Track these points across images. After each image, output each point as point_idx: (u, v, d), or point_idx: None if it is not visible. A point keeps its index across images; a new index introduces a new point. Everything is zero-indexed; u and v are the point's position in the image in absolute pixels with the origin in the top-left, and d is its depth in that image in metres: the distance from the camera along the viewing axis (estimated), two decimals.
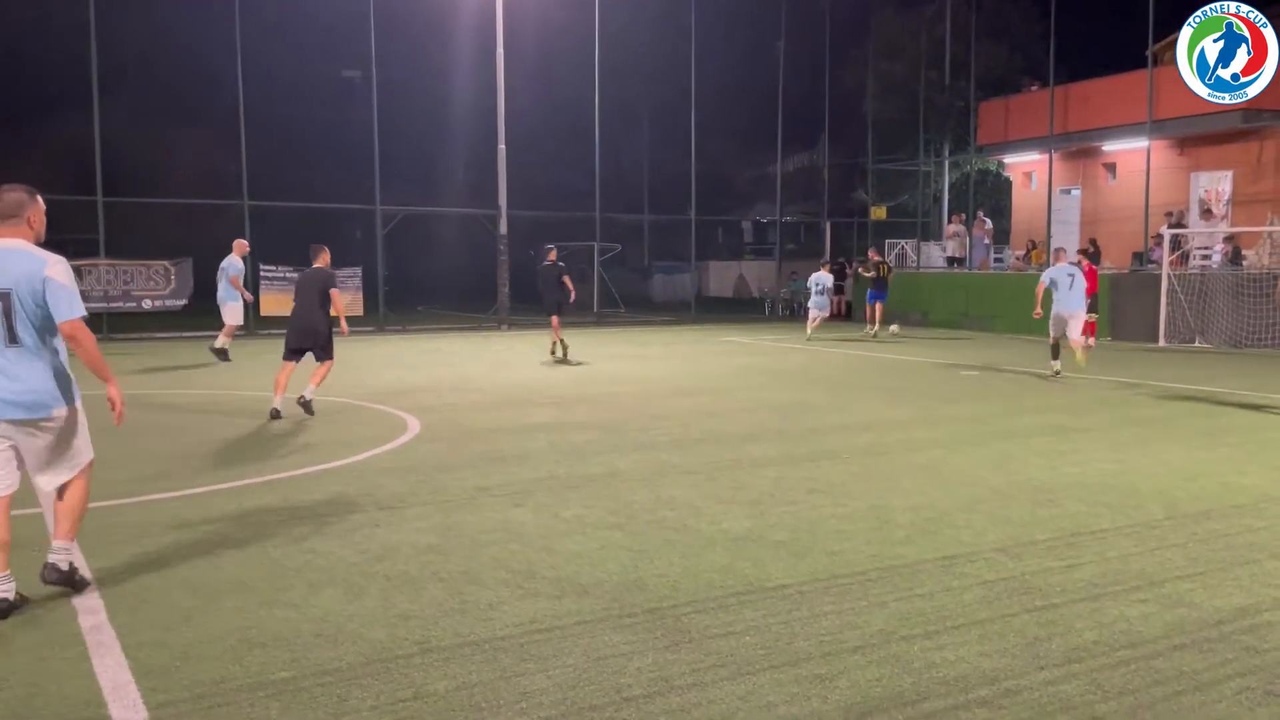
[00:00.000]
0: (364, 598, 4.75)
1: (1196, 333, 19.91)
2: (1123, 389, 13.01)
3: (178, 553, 5.47)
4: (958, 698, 3.65)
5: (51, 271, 4.56)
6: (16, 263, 4.54)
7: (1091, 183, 26.76)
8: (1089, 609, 4.60)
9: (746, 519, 6.21)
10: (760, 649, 4.11)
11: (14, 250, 4.58)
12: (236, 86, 22.25)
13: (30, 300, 4.53)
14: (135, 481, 7.25)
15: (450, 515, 6.31)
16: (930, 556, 5.42)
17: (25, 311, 4.53)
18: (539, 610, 4.57)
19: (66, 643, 4.18)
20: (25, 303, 4.52)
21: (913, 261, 28.94)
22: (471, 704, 3.60)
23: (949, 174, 31.28)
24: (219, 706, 3.58)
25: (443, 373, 14.90)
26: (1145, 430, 9.61)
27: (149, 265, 22.32)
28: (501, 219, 25.14)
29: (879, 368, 15.83)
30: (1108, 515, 6.33)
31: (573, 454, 8.34)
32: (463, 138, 34.90)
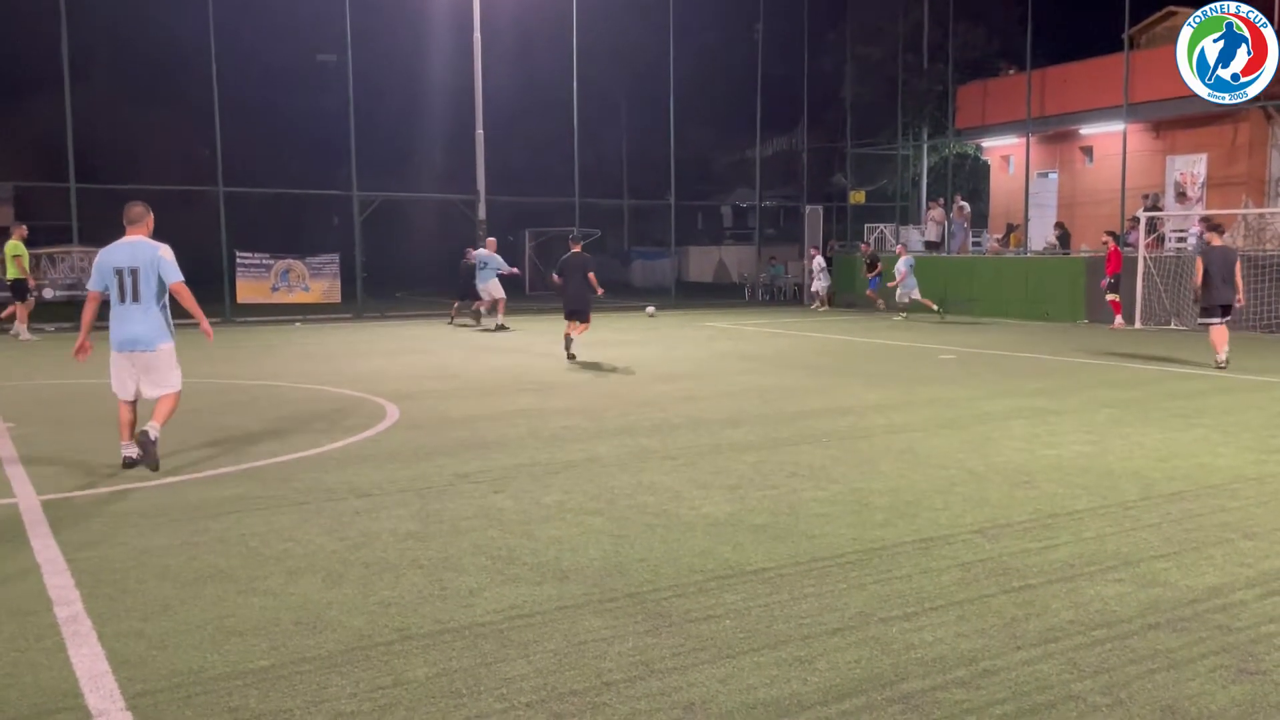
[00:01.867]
0: (343, 585, 4.73)
1: (1172, 315, 20.09)
2: (1099, 371, 13.12)
3: (155, 541, 5.43)
4: (936, 678, 3.68)
5: (163, 253, 7.22)
6: (143, 250, 7.20)
7: (1069, 166, 26.90)
8: (1065, 589, 4.64)
9: (726, 503, 6.22)
10: (740, 632, 4.13)
11: (141, 241, 7.28)
12: (210, 71, 21.98)
13: (150, 273, 7.14)
14: (113, 470, 7.19)
15: (430, 502, 6.29)
16: (909, 539, 5.45)
17: (146, 280, 7.13)
18: (519, 596, 4.56)
19: (42, 633, 4.14)
20: (148, 275, 7.14)
21: (892, 246, 29.02)
22: (452, 690, 3.60)
23: (927, 158, 31.35)
24: (197, 695, 3.56)
25: (422, 359, 14.83)
26: (1121, 412, 9.70)
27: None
28: (480, 204, 25.03)
29: (859, 352, 15.89)
30: (1084, 496, 6.39)
31: (553, 440, 8.33)
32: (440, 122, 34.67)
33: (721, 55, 32.97)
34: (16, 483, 6.82)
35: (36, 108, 25.70)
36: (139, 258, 7.14)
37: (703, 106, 34.25)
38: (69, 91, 20.61)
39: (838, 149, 32.79)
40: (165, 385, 7.30)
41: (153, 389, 7.28)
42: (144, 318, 7.14)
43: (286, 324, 21.73)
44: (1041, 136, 26.32)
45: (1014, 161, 27.90)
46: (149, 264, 7.13)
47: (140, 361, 7.21)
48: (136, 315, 7.12)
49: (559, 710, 3.44)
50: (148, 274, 7.11)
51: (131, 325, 7.12)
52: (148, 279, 7.11)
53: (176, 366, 7.40)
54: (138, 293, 7.09)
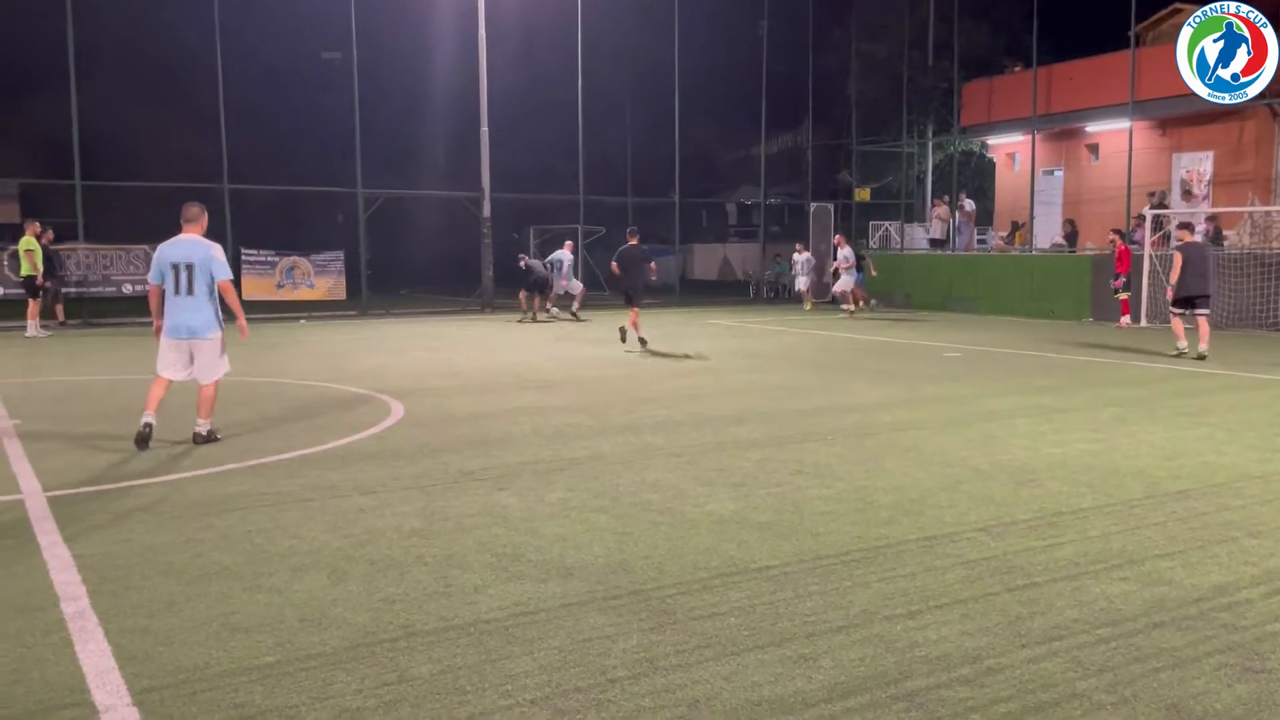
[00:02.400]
0: (348, 582, 4.74)
1: None
2: (1104, 369, 13.10)
3: (160, 538, 5.44)
4: (940, 676, 3.68)
5: (215, 252, 7.98)
6: (197, 248, 7.94)
7: (1074, 164, 26.84)
8: (1070, 587, 4.64)
9: (731, 501, 6.23)
10: (745, 630, 4.13)
11: (195, 240, 8.02)
12: (216, 69, 22.00)
13: (203, 269, 7.87)
14: (119, 467, 7.21)
15: (434, 499, 6.30)
16: (913, 536, 5.45)
17: (199, 276, 7.87)
18: (524, 593, 4.57)
19: (49, 629, 4.16)
20: (201, 271, 7.88)
21: (896, 243, 29.00)
22: (456, 687, 3.61)
23: (932, 155, 31.30)
24: (203, 692, 3.57)
25: (426, 357, 14.85)
26: (1126, 410, 9.68)
27: (128, 249, 22.13)
28: (485, 202, 25.02)
29: (864, 350, 15.87)
30: (1089, 495, 6.38)
31: (557, 437, 8.34)
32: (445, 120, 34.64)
33: (726, 52, 32.90)
34: (23, 479, 6.84)
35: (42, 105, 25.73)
36: (193, 255, 7.91)
37: (707, 103, 34.22)
38: (75, 89, 20.64)
39: (843, 146, 32.74)
40: (213, 372, 8.13)
41: (202, 374, 8.08)
42: (196, 309, 7.91)
43: (291, 321, 21.76)
44: (1047, 134, 26.27)
45: (1019, 159, 27.85)
46: (202, 261, 7.89)
47: (191, 348, 8.02)
48: (189, 306, 7.91)
49: (563, 707, 3.44)
50: (201, 270, 7.88)
51: (184, 315, 7.91)
52: (200, 274, 7.88)
53: (224, 355, 8.22)
54: (191, 286, 7.87)
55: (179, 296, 7.88)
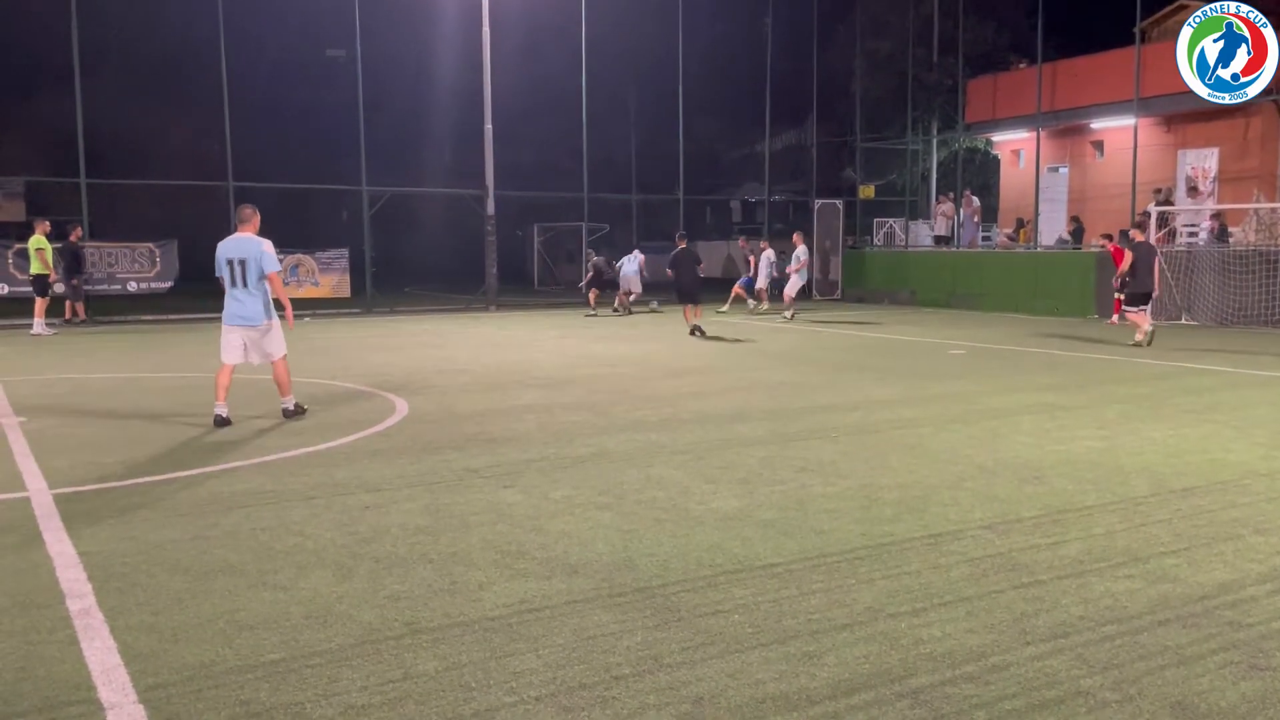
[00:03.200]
0: (353, 579, 4.75)
1: (1183, 310, 20.01)
2: (1110, 366, 13.07)
3: (166, 536, 5.46)
4: (945, 673, 3.68)
5: (265, 247, 8.84)
6: (249, 245, 8.80)
7: (1079, 160, 26.79)
8: (1075, 585, 4.63)
9: (735, 498, 6.23)
10: (749, 627, 4.13)
11: (248, 238, 8.87)
12: (220, 66, 22.02)
13: (254, 264, 8.77)
14: (124, 464, 7.23)
15: (439, 497, 6.31)
16: (918, 534, 5.45)
17: (251, 270, 8.77)
18: (528, 590, 4.58)
19: (55, 626, 4.17)
20: (253, 265, 8.76)
21: (901, 241, 28.96)
22: (461, 684, 3.61)
23: (937, 152, 31.25)
24: (209, 689, 3.58)
25: (430, 354, 14.86)
26: (1131, 407, 9.67)
27: (134, 247, 22.18)
28: (489, 199, 25.02)
29: (867, 347, 15.86)
30: (1094, 492, 6.37)
31: (561, 435, 8.34)
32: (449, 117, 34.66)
33: (730, 49, 32.89)
34: (29, 477, 6.86)
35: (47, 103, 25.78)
36: (246, 251, 8.79)
37: (712, 101, 34.21)
38: (79, 87, 20.67)
39: (847, 143, 32.70)
40: (273, 351, 9.03)
41: (261, 357, 9.04)
42: (250, 299, 8.83)
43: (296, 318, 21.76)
44: (1052, 131, 26.22)
45: (1024, 156, 27.80)
46: (254, 257, 8.77)
47: (249, 335, 8.94)
48: (244, 297, 8.83)
49: (568, 704, 3.45)
50: (253, 264, 8.76)
51: (241, 306, 8.84)
52: (253, 268, 8.77)
53: (280, 336, 9.14)
54: (245, 279, 8.78)
55: (235, 288, 8.84)
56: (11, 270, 21.34)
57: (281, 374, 9.15)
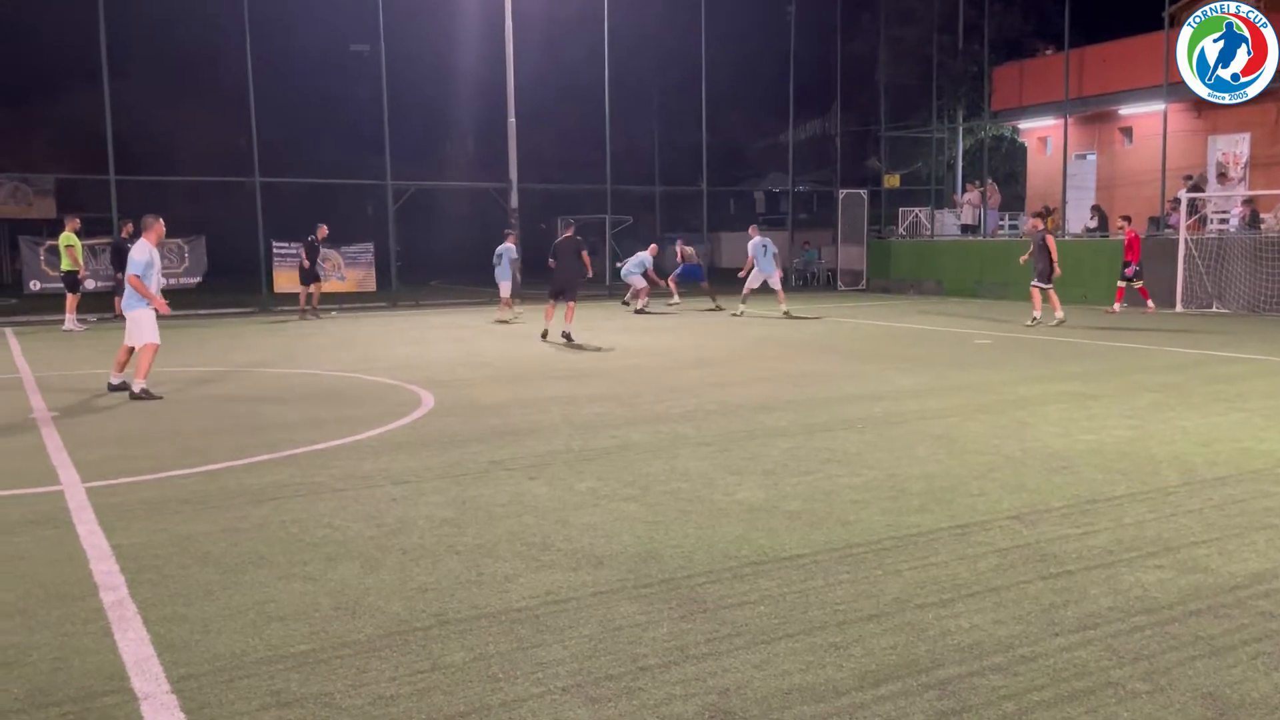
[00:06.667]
0: (381, 570, 4.78)
1: (1214, 297, 19.76)
2: (1139, 355, 12.94)
3: (197, 528, 5.52)
4: (973, 664, 3.66)
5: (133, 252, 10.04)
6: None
7: (1107, 147, 26.47)
8: (1104, 575, 4.60)
9: (760, 489, 6.22)
10: (775, 618, 4.13)
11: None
12: (246, 62, 22.15)
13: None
14: (153, 459, 7.31)
15: (465, 489, 6.34)
16: (945, 525, 5.42)
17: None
18: (555, 582, 4.59)
19: (89, 617, 4.23)
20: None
21: (926, 230, 28.76)
22: (489, 675, 3.63)
23: (963, 140, 30.97)
24: (240, 679, 3.62)
25: (456, 347, 14.93)
26: (1162, 396, 9.56)
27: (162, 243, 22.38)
28: (512, 192, 25.07)
29: (893, 337, 15.78)
30: (1123, 482, 6.31)
31: (586, 427, 8.36)
32: (472, 111, 34.75)
33: (754, 39, 32.67)
34: (62, 470, 6.96)
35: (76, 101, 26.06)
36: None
37: (735, 91, 34.02)
38: (107, 85, 20.87)
39: (871, 132, 32.47)
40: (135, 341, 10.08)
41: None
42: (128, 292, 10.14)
43: (322, 312, 21.92)
44: (1080, 117, 25.91)
45: (1052, 143, 27.51)
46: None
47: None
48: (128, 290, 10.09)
49: (595, 694, 3.46)
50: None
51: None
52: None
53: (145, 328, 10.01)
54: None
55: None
56: (44, 267, 21.63)
57: (142, 359, 10.05)
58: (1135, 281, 19.27)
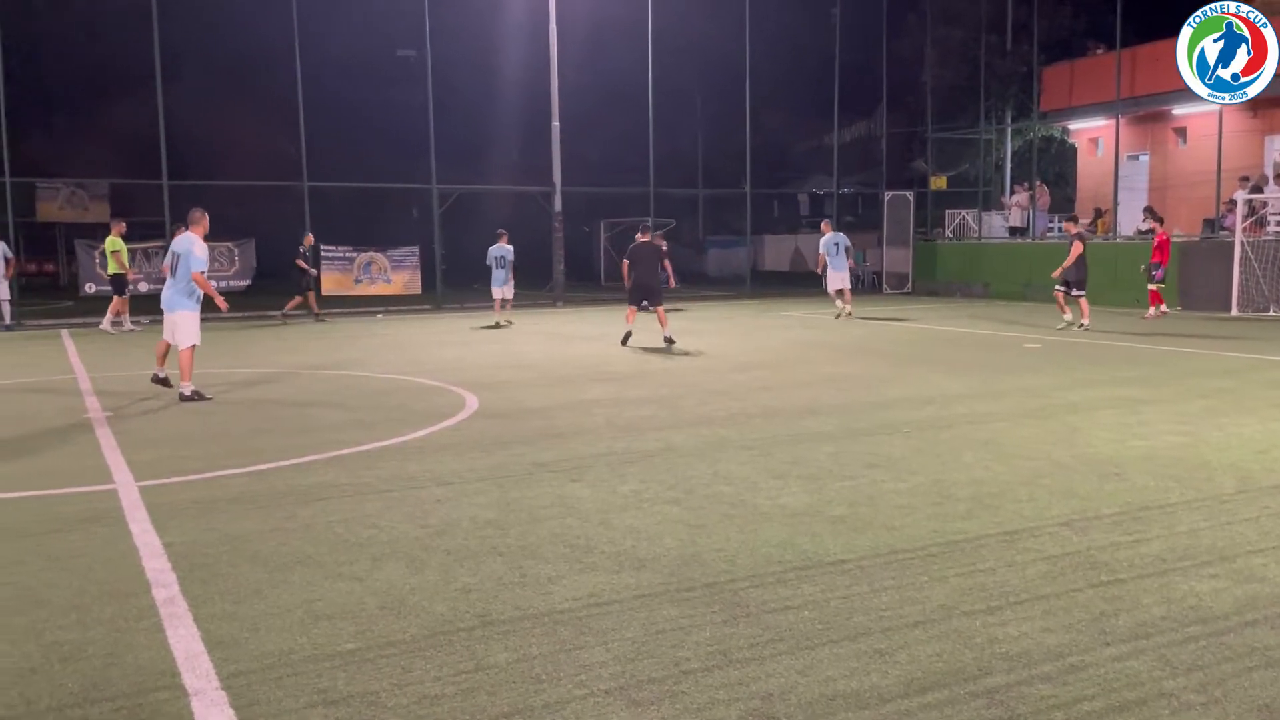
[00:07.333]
0: (426, 571, 4.82)
1: (1271, 301, 19.31)
2: (1193, 360, 12.68)
3: (246, 527, 5.60)
4: (1021, 673, 3.61)
5: (195, 248, 10.10)
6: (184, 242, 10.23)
7: (1160, 148, 25.98)
8: (1157, 584, 4.50)
9: (804, 494, 6.18)
10: (819, 623, 4.10)
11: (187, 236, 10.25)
12: (295, 69, 22.49)
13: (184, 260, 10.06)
14: (203, 459, 7.43)
15: (509, 490, 6.37)
16: (992, 531, 5.35)
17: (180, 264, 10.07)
18: (597, 584, 4.60)
19: (141, 614, 4.31)
20: (182, 261, 10.08)
21: (973, 232, 28.43)
22: (532, 675, 3.65)
23: (1011, 141, 30.57)
24: (288, 676, 3.67)
25: (499, 350, 15.02)
26: (1217, 402, 9.36)
27: (213, 246, 22.74)
28: (556, 196, 25.18)
29: (939, 341, 15.61)
30: (1177, 489, 6.18)
31: (629, 429, 8.37)
32: (516, 116, 34.93)
33: (798, 40, 32.52)
34: (116, 469, 7.10)
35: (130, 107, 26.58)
36: (181, 248, 10.04)
37: (779, 93, 33.89)
38: (160, 91, 21.29)
39: (917, 134, 32.16)
40: (181, 340, 10.29)
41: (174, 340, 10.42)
42: (173, 289, 10.16)
43: (369, 315, 22.19)
44: (1132, 117, 25.47)
45: (1103, 144, 27.06)
46: (185, 254, 10.02)
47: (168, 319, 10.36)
48: (170, 286, 10.16)
49: (637, 698, 3.46)
50: (183, 261, 10.05)
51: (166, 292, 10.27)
52: (182, 264, 10.07)
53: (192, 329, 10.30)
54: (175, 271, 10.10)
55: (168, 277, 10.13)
56: (98, 270, 22.10)
57: (183, 361, 10.11)
58: (1154, 283, 18.84)
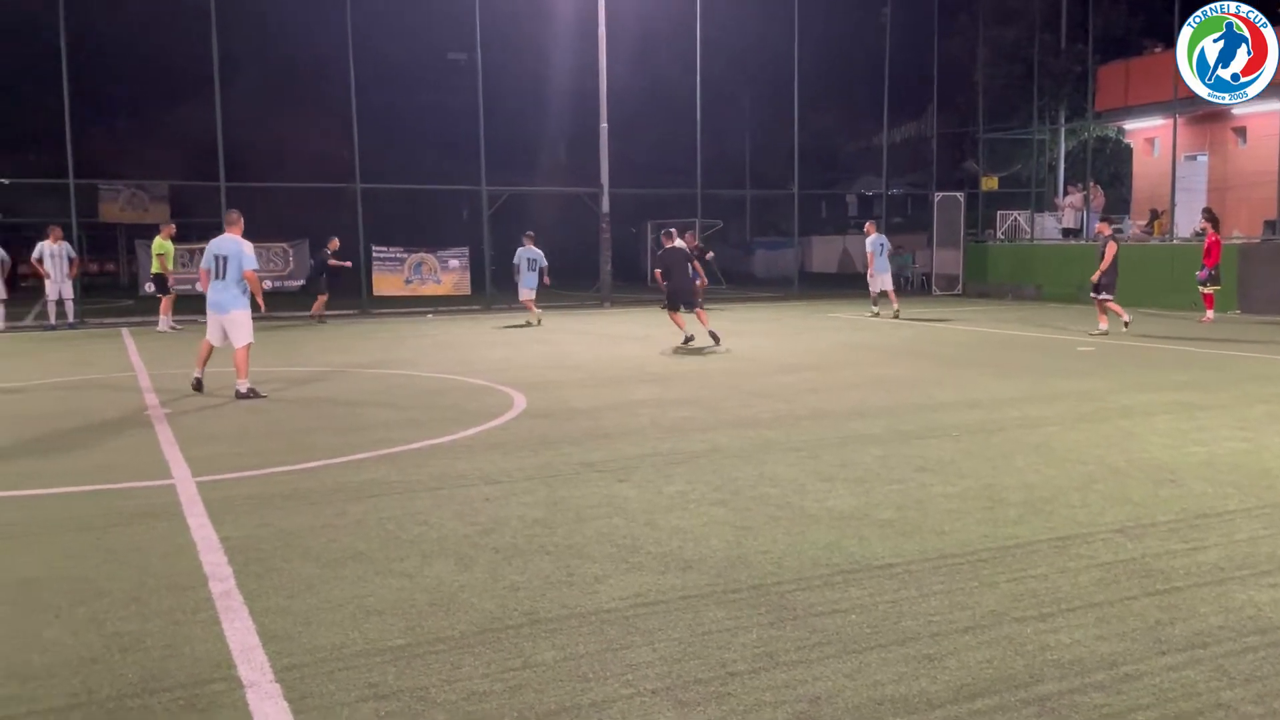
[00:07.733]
0: (474, 568, 4.87)
1: None
2: (1251, 364, 12.38)
3: (299, 523, 5.70)
4: (1073, 681, 3.56)
5: (245, 247, 10.43)
6: (231, 244, 10.46)
7: (1219, 148, 25.40)
8: (1214, 593, 4.42)
9: (852, 497, 6.14)
10: (866, 627, 4.07)
11: (232, 238, 10.46)
12: (349, 73, 22.81)
13: (234, 260, 10.26)
14: (258, 455, 7.57)
15: (556, 490, 6.41)
16: (1044, 537, 5.28)
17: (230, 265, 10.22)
18: (644, 584, 4.61)
19: (198, 607, 4.41)
20: (231, 261, 10.27)
21: (1025, 233, 28.02)
22: (579, 674, 3.67)
23: (1064, 142, 30.06)
24: (339, 671, 3.73)
25: (547, 350, 15.10)
26: (1276, 407, 9.13)
27: (269, 247, 23.19)
28: (604, 197, 25.25)
29: (990, 343, 15.41)
30: (1235, 496, 6.05)
31: (675, 430, 8.37)
32: (565, 118, 35.09)
33: (848, 40, 32.26)
34: (174, 465, 7.26)
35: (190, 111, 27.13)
36: (227, 249, 10.28)
37: (828, 93, 33.62)
38: (219, 95, 21.71)
39: (969, 134, 31.76)
40: (237, 339, 10.44)
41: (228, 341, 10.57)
42: (225, 291, 10.32)
43: (419, 315, 22.42)
44: (1190, 117, 24.91)
45: (1159, 144, 26.52)
46: (234, 255, 10.26)
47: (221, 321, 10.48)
48: (221, 289, 10.33)
49: (684, 698, 3.47)
50: (233, 261, 10.29)
51: (216, 294, 10.43)
52: (233, 264, 10.30)
53: (246, 328, 10.48)
54: (224, 273, 10.29)
55: (215, 280, 10.28)
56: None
57: (240, 359, 10.31)
58: (1207, 286, 18.43)
